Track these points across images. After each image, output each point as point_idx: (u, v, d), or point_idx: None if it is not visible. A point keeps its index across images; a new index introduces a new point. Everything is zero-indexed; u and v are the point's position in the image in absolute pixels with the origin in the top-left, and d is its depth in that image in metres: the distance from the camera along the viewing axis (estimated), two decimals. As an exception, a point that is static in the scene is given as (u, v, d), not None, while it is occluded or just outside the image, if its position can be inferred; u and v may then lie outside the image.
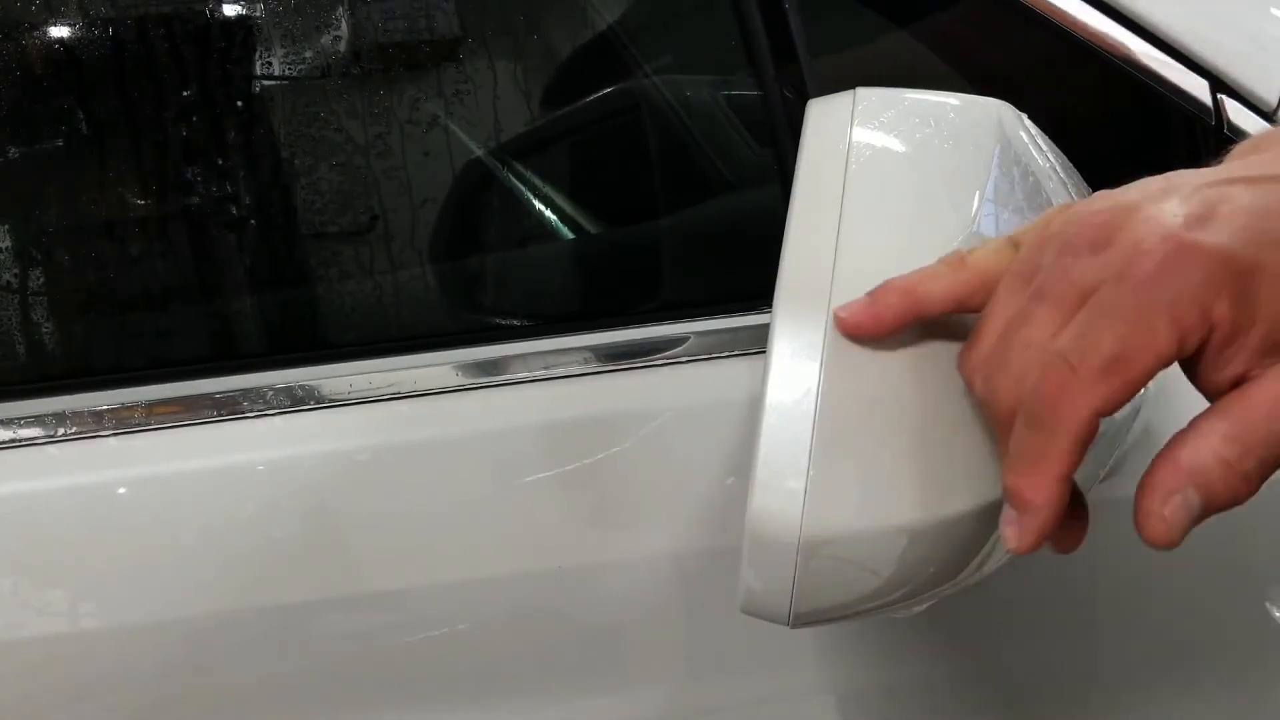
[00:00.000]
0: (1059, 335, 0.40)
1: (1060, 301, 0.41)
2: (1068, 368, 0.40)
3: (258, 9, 0.75)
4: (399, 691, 0.73)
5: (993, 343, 0.43)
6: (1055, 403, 0.40)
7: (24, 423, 0.68)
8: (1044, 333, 0.41)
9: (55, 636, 0.68)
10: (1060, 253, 0.41)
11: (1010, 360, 0.42)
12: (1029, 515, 0.42)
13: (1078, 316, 0.40)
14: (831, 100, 0.56)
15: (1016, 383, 0.41)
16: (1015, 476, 0.42)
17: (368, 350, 0.74)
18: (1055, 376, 0.40)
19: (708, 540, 0.72)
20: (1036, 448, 0.41)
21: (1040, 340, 0.41)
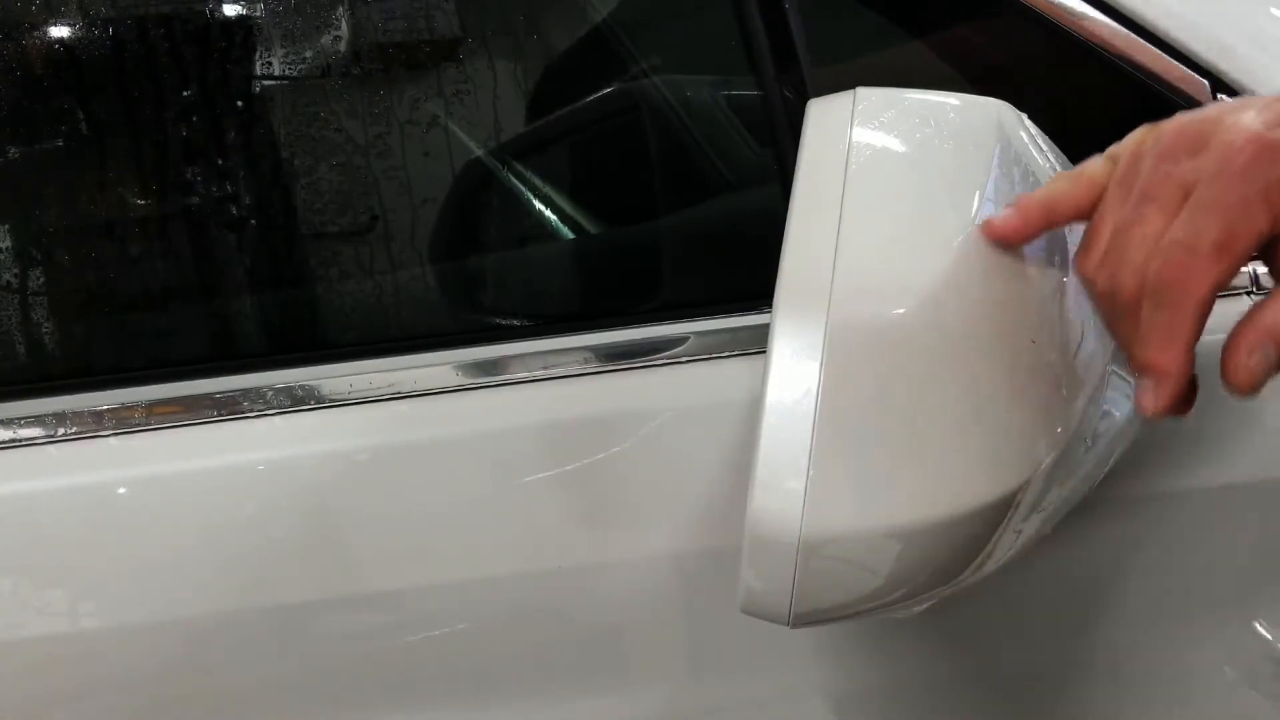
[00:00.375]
0: (1171, 228, 0.47)
1: (1167, 201, 0.47)
2: (1186, 253, 0.46)
3: (258, 9, 0.75)
4: (399, 691, 0.73)
5: (1109, 243, 0.49)
6: (1180, 283, 0.47)
7: (24, 423, 0.68)
8: (1157, 228, 0.47)
9: (55, 636, 0.68)
10: (1159, 160, 0.48)
11: (1129, 255, 0.48)
12: (1165, 382, 0.48)
13: (1183, 212, 0.46)
14: (831, 100, 0.56)
15: (1139, 273, 0.47)
16: (1150, 351, 0.48)
17: (368, 350, 0.74)
18: (1177, 261, 0.46)
19: (708, 540, 0.72)
20: (1166, 324, 0.47)
21: (1155, 234, 0.47)
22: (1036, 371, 0.51)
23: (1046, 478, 0.52)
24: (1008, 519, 0.51)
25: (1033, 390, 0.51)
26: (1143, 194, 0.48)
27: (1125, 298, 0.48)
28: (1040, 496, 0.53)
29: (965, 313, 0.49)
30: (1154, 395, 0.49)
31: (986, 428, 0.49)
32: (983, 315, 0.50)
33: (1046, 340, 0.52)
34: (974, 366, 0.49)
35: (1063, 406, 0.52)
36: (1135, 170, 0.49)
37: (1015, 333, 0.51)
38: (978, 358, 0.49)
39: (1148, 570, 0.79)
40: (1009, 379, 0.49)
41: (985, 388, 0.49)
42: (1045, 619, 0.80)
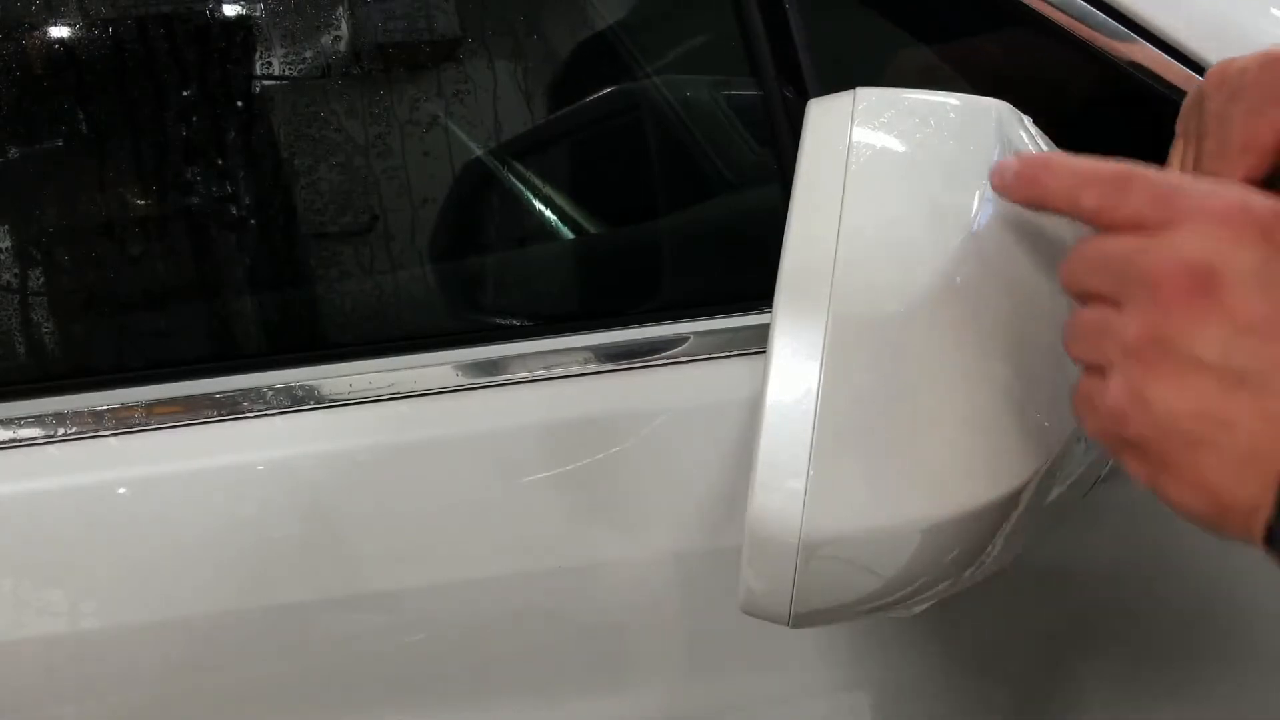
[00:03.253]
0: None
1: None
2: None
3: (258, 9, 0.75)
4: (399, 691, 0.73)
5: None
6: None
7: (24, 423, 0.68)
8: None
9: (55, 636, 0.68)
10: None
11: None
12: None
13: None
14: (831, 100, 0.56)
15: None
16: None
17: (368, 350, 0.74)
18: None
19: (708, 540, 0.72)
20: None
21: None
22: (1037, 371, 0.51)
23: (1048, 477, 0.52)
24: (1009, 519, 0.51)
25: (1033, 390, 0.51)
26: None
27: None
28: (1041, 496, 0.53)
29: (965, 313, 0.49)
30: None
31: (987, 427, 0.49)
32: (983, 315, 0.50)
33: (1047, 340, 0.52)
34: (974, 366, 0.49)
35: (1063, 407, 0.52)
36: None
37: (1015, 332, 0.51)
38: (978, 357, 0.49)
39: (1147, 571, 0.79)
40: (1009, 379, 0.49)
41: (986, 387, 0.49)
42: (1045, 620, 0.80)
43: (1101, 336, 0.43)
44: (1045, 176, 0.46)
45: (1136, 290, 0.42)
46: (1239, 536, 0.41)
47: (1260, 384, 0.39)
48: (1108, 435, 0.43)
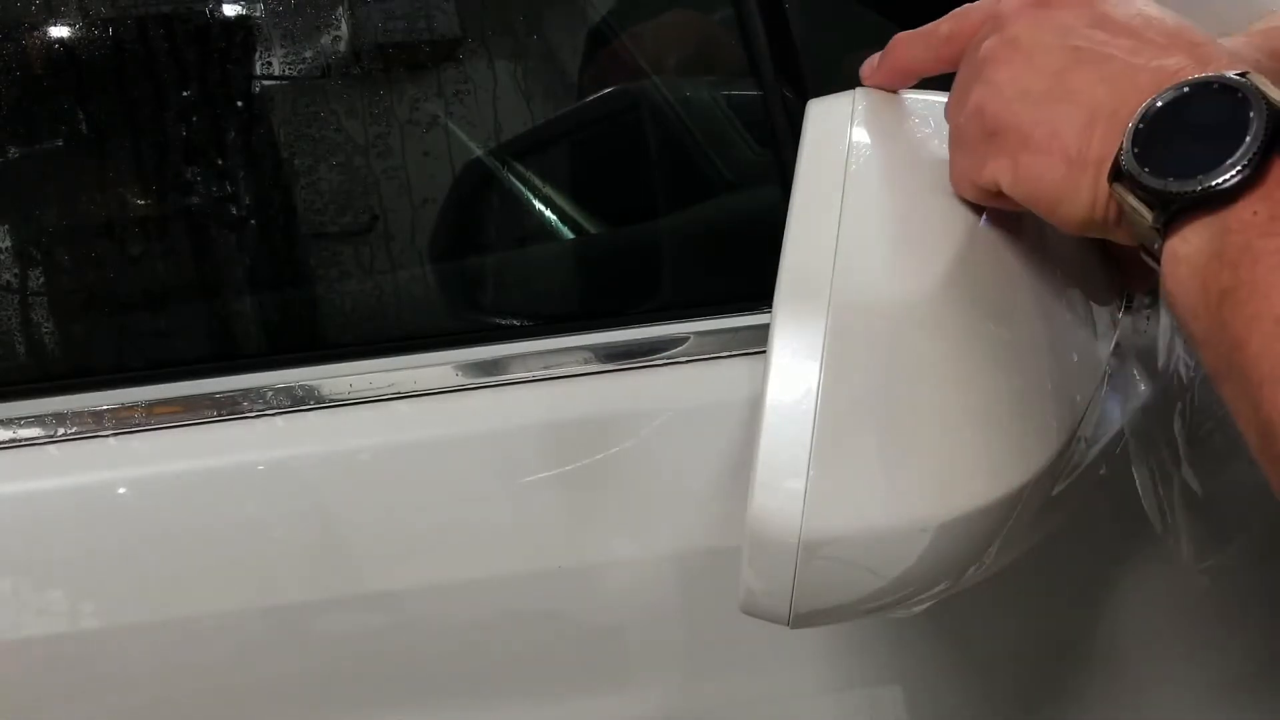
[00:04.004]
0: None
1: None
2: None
3: (258, 9, 0.75)
4: (399, 691, 0.73)
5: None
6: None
7: (24, 423, 0.68)
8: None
9: (55, 636, 0.68)
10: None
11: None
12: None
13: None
14: (831, 100, 0.56)
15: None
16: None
17: (368, 350, 0.74)
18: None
19: (708, 540, 0.72)
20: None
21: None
22: (1038, 371, 0.51)
23: (1048, 476, 0.52)
24: (1009, 518, 0.51)
25: (1034, 389, 0.51)
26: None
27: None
28: (1042, 495, 0.53)
29: (965, 312, 0.49)
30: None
31: (988, 427, 0.49)
32: (983, 315, 0.50)
33: (1048, 339, 0.52)
34: (975, 366, 0.49)
35: (1063, 406, 0.52)
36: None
37: (1015, 332, 0.51)
38: (978, 357, 0.49)
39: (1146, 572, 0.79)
40: (1010, 378, 0.49)
41: (986, 387, 0.49)
42: (1045, 620, 0.80)
43: (967, 77, 0.48)
44: (902, 39, 0.54)
45: (989, 33, 0.48)
46: (1089, 199, 0.43)
47: (1098, 55, 0.44)
48: (972, 144, 0.47)
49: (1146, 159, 0.41)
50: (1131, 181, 0.41)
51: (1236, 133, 0.39)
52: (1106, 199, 0.43)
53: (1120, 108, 0.42)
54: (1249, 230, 0.38)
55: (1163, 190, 0.40)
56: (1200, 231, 0.40)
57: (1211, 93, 0.40)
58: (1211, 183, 0.39)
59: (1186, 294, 0.40)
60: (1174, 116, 0.41)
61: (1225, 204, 0.39)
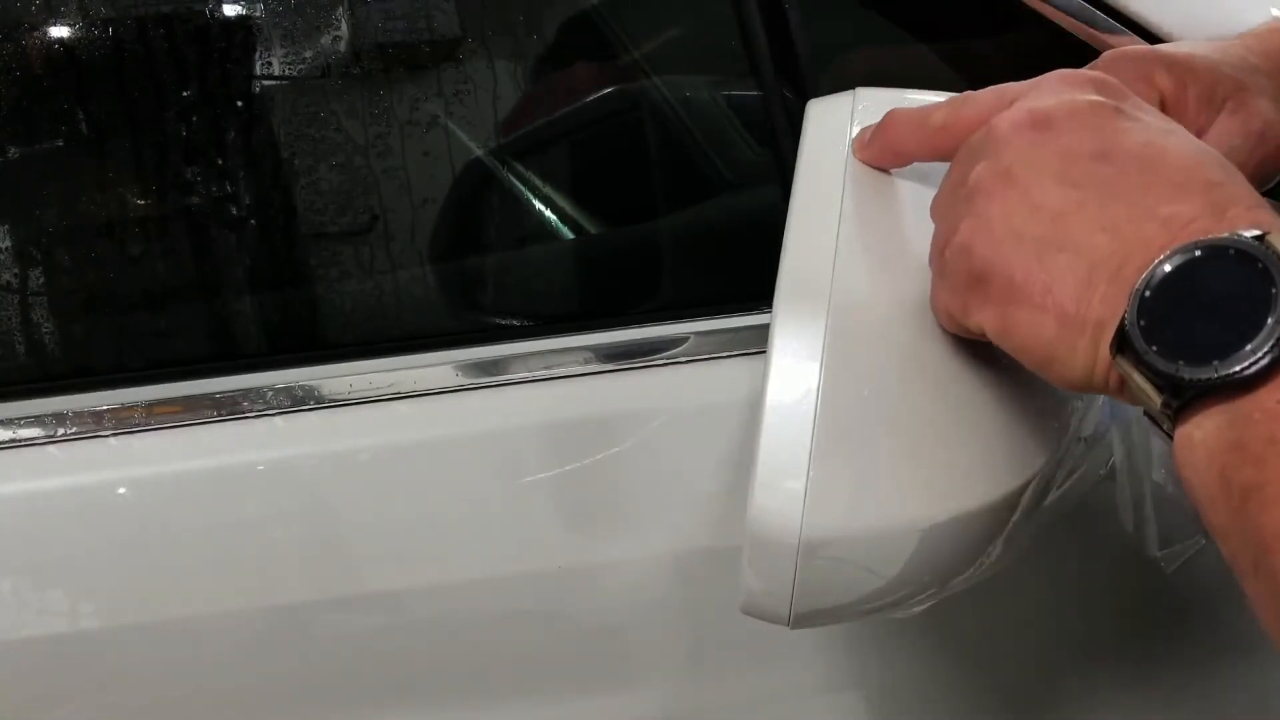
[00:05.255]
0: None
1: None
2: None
3: (258, 9, 0.75)
4: (399, 691, 0.73)
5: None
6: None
7: (24, 423, 0.68)
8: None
9: (55, 636, 0.68)
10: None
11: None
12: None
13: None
14: (831, 100, 0.56)
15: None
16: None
17: (368, 350, 0.74)
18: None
19: (708, 540, 0.72)
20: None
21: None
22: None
23: (1048, 477, 0.52)
24: (1009, 519, 0.51)
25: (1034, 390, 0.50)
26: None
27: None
28: (1042, 496, 0.53)
29: (965, 313, 0.49)
30: None
31: (988, 427, 0.49)
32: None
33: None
34: (975, 366, 0.49)
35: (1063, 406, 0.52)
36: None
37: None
38: (978, 357, 0.49)
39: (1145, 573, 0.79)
40: (1010, 379, 0.49)
41: (986, 387, 0.49)
42: (1045, 620, 0.80)
43: (952, 205, 0.44)
44: (897, 117, 0.50)
45: (981, 149, 0.43)
46: (1086, 363, 0.40)
47: (1097, 199, 0.39)
48: (957, 284, 0.43)
49: (1154, 335, 0.37)
50: (1136, 358, 0.37)
51: (1257, 310, 0.35)
52: (1107, 368, 0.39)
53: (1124, 264, 0.38)
54: (1274, 420, 0.34)
55: (1173, 376, 0.36)
56: (1217, 418, 0.36)
57: (1227, 259, 0.36)
58: (1231, 370, 0.35)
59: (1204, 484, 0.36)
60: (1184, 284, 0.36)
61: (1245, 391, 0.35)
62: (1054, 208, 0.40)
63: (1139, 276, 0.37)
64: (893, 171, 0.52)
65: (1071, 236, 0.39)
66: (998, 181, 0.42)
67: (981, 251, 0.42)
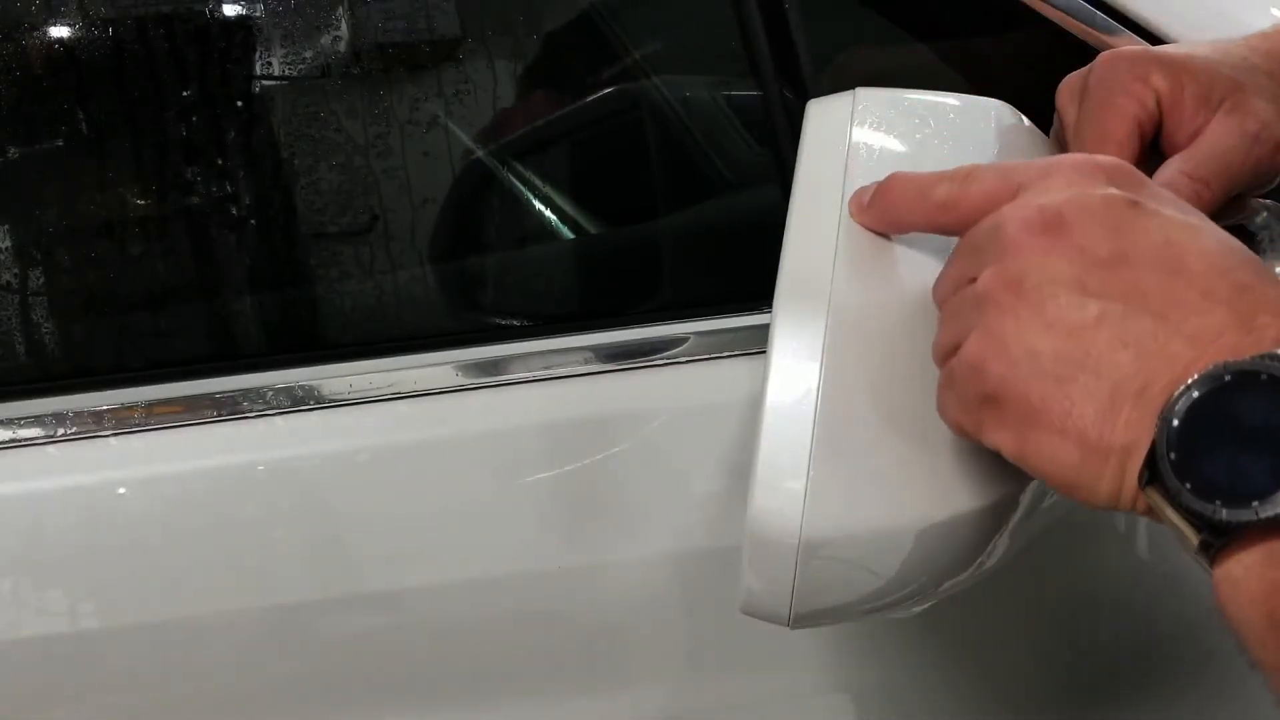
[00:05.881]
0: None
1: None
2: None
3: (258, 9, 0.75)
4: (399, 691, 0.73)
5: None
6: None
7: (24, 423, 0.68)
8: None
9: (55, 636, 0.68)
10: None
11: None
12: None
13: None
14: (831, 100, 0.56)
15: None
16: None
17: (368, 350, 0.74)
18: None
19: (707, 540, 0.72)
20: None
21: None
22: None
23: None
24: (1009, 519, 0.51)
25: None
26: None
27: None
28: (1041, 498, 0.53)
29: (965, 313, 0.49)
30: None
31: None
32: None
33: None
34: (974, 367, 0.49)
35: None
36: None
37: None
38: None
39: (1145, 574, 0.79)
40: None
41: (985, 388, 0.49)
42: (1044, 621, 0.80)
43: (959, 309, 0.42)
44: (897, 185, 0.47)
45: (987, 248, 0.41)
46: (1112, 489, 0.38)
47: (1117, 312, 0.37)
48: (968, 402, 0.41)
49: (1187, 471, 0.35)
50: (1169, 495, 0.35)
51: None
52: (1135, 494, 0.37)
53: (1149, 385, 0.36)
54: None
55: (1212, 518, 0.34)
56: (1260, 555, 0.34)
57: (1258, 385, 0.34)
58: (1273, 512, 0.33)
59: (1250, 622, 0.34)
60: (1214, 413, 0.35)
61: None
62: (1071, 323, 0.38)
63: (1165, 399, 0.35)
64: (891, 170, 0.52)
65: (1091, 355, 0.37)
66: (1009, 293, 0.39)
67: (995, 371, 0.39)
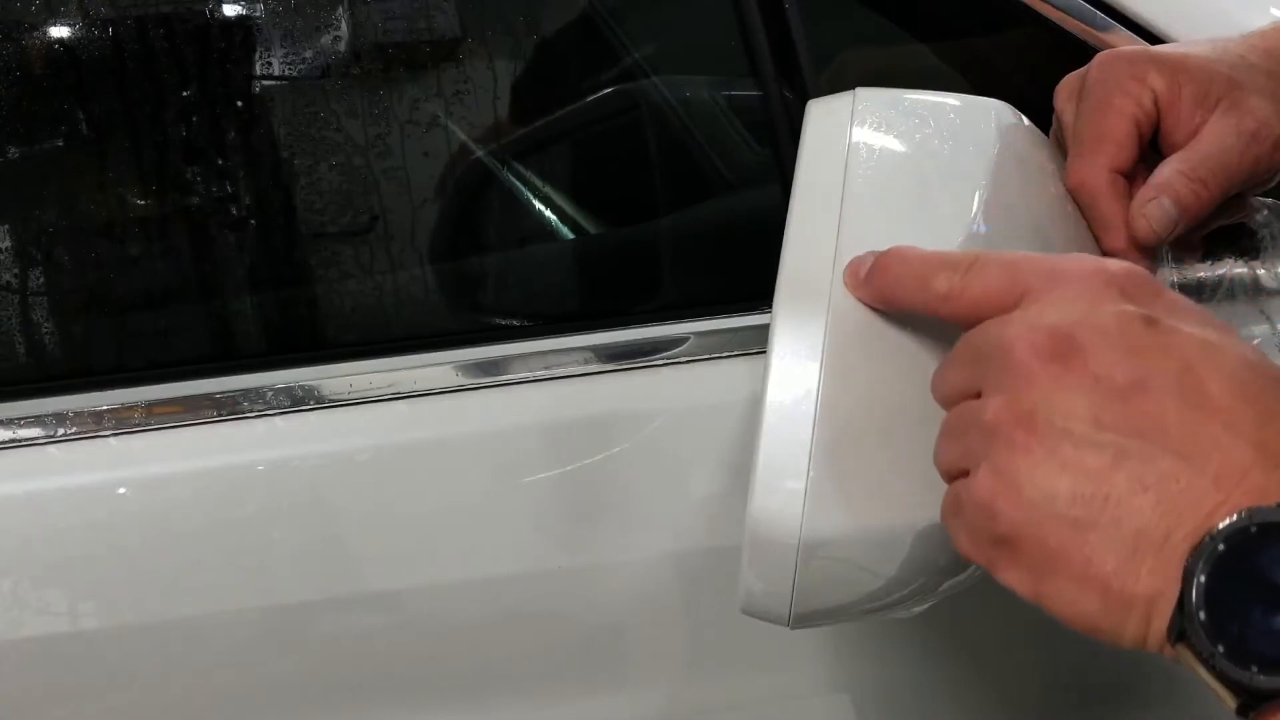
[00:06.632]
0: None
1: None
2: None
3: (258, 9, 0.75)
4: (399, 691, 0.73)
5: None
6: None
7: (24, 423, 0.68)
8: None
9: (55, 636, 0.68)
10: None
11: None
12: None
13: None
14: (831, 100, 0.56)
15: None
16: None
17: (368, 350, 0.74)
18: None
19: (708, 540, 0.72)
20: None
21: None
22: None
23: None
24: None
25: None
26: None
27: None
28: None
29: (965, 313, 0.49)
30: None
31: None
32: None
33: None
34: (974, 367, 0.49)
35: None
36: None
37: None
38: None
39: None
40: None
41: (985, 388, 0.49)
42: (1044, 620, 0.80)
43: (964, 431, 0.40)
44: (896, 265, 0.45)
45: (994, 368, 0.39)
46: (1137, 637, 0.37)
47: (1138, 451, 0.35)
48: (979, 539, 0.39)
49: (1219, 633, 0.33)
50: (1200, 655, 0.34)
51: None
52: (1162, 643, 0.36)
53: (1173, 531, 0.34)
54: None
55: (1248, 685, 0.33)
56: None
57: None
58: None
59: None
60: (1243, 567, 0.33)
61: None
62: (1088, 464, 0.36)
63: (1190, 548, 0.34)
64: (891, 170, 0.52)
65: (1111, 498, 0.35)
66: (1020, 429, 0.37)
67: (1008, 514, 0.37)
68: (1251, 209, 0.61)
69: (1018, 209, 0.53)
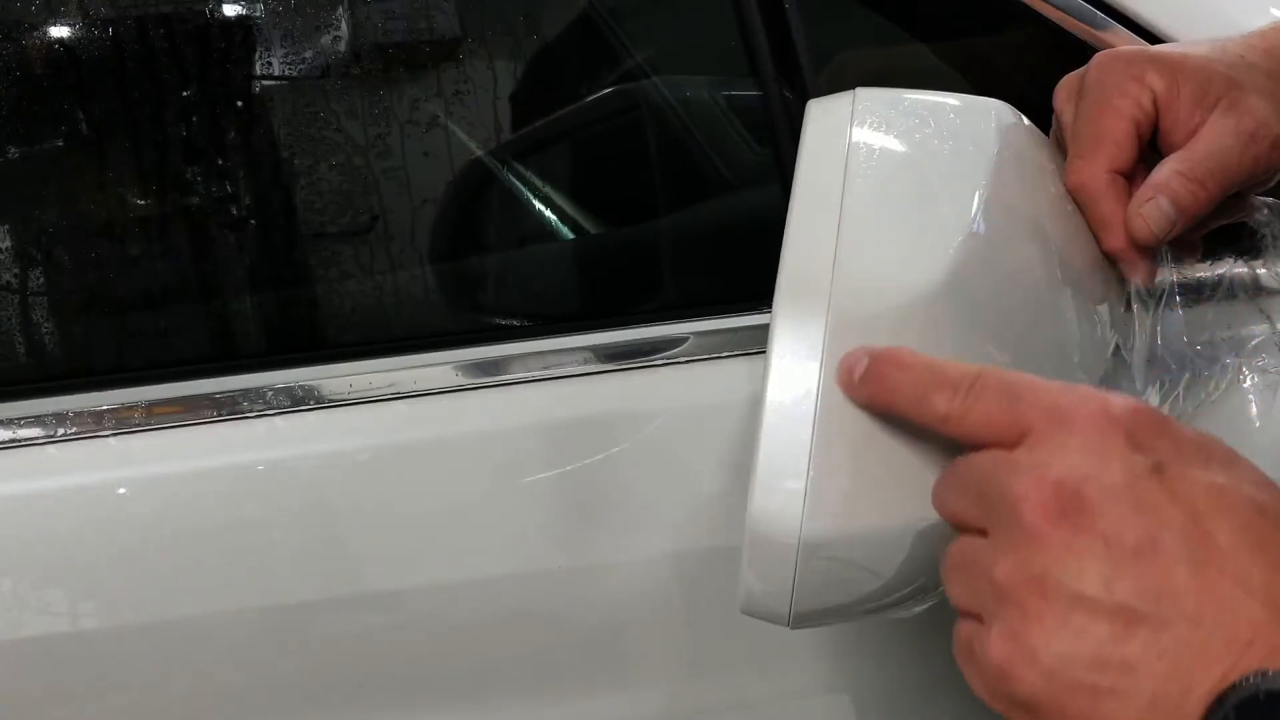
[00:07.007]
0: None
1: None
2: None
3: (258, 9, 0.75)
4: (399, 691, 0.73)
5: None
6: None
7: (24, 423, 0.68)
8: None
9: (55, 636, 0.68)
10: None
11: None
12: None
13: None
14: (831, 100, 0.56)
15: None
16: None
17: (368, 350, 0.74)
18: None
19: (708, 540, 0.72)
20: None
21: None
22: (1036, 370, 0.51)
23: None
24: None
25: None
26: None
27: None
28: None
29: (965, 312, 0.49)
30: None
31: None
32: (982, 314, 0.50)
33: (1046, 338, 0.52)
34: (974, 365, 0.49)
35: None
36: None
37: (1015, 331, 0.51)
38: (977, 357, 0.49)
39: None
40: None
41: (985, 388, 0.49)
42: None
43: (973, 573, 0.40)
44: (896, 372, 0.44)
45: (1000, 514, 0.39)
46: None
47: (1152, 616, 0.36)
48: (997, 697, 0.39)
49: None
50: None
51: None
52: None
53: (1188, 693, 0.35)
54: None
55: None
56: None
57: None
58: None
59: None
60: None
61: None
62: (1102, 633, 0.36)
63: (1203, 711, 0.34)
64: (891, 170, 0.52)
65: (1127, 663, 0.36)
66: (1032, 594, 0.37)
67: (1026, 679, 0.37)
68: (1251, 208, 0.60)
69: (1017, 209, 0.53)
